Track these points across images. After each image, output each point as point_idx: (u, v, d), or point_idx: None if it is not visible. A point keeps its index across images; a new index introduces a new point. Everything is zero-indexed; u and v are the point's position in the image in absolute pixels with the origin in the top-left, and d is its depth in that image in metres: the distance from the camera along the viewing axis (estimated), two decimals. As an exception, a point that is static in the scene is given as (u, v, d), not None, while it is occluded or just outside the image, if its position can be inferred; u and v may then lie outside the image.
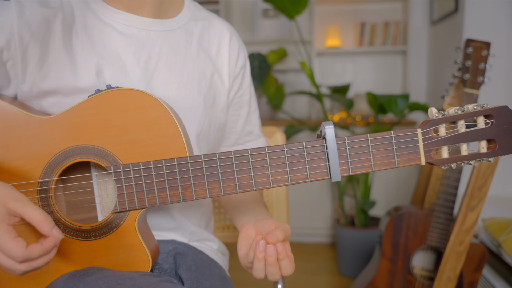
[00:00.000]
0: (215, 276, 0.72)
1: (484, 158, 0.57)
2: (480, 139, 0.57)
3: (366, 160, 0.57)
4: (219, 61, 0.78)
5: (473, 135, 0.57)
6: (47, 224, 0.52)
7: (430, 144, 0.57)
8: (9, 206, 0.51)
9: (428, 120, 0.57)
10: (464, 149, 0.57)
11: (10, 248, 0.50)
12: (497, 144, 0.57)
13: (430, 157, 0.57)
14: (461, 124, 0.57)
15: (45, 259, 0.53)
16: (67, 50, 0.65)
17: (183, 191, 0.59)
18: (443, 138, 0.57)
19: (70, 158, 0.61)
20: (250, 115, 0.85)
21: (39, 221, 0.52)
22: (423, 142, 0.57)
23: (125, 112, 0.60)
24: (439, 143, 0.57)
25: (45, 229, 0.52)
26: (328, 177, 0.58)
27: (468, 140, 0.57)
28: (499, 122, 0.56)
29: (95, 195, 0.65)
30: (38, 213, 0.52)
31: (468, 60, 1.23)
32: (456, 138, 0.57)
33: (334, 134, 0.56)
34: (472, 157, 0.57)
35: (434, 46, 2.66)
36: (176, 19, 0.75)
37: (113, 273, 0.58)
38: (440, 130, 0.57)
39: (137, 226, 0.61)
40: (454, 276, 1.15)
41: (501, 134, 0.57)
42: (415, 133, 0.57)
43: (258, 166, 0.58)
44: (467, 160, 0.57)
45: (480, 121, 0.57)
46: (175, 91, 0.71)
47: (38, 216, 0.52)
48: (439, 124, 0.57)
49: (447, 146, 0.57)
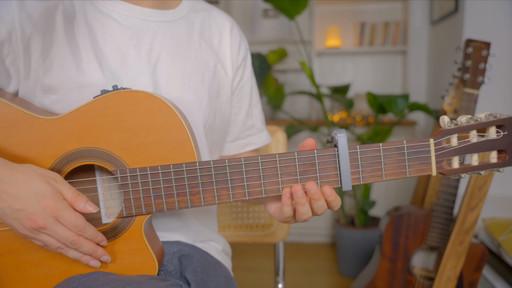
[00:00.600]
0: (220, 277, 0.72)
1: (494, 168, 0.57)
2: (491, 150, 0.56)
3: (377, 169, 0.57)
4: (221, 52, 0.78)
5: (485, 146, 0.56)
6: (81, 200, 0.56)
7: (442, 155, 0.56)
8: (52, 185, 0.55)
9: (441, 130, 0.56)
10: (475, 159, 0.57)
11: (76, 219, 0.55)
12: (507, 155, 0.56)
13: (441, 168, 0.56)
14: (473, 134, 0.56)
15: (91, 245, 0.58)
16: (70, 43, 0.64)
17: (191, 197, 0.57)
18: (455, 148, 0.56)
19: (75, 161, 0.59)
20: (251, 108, 0.84)
21: (72, 198, 0.55)
22: (435, 152, 0.56)
23: (132, 114, 0.59)
24: (451, 154, 0.56)
25: (79, 205, 0.56)
26: (339, 185, 0.57)
27: (480, 151, 0.56)
28: (511, 133, 0.56)
29: (100, 199, 0.64)
30: (71, 191, 0.56)
31: (468, 60, 1.23)
32: (467, 148, 0.56)
33: (346, 143, 0.55)
34: (482, 168, 0.57)
35: (434, 46, 2.67)
36: (177, 9, 0.74)
37: (119, 278, 0.57)
38: (452, 140, 0.56)
39: (144, 231, 0.60)
40: (454, 276, 1.15)
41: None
42: (428, 143, 0.56)
43: (268, 174, 0.57)
44: (478, 170, 0.57)
45: (491, 131, 0.56)
46: (179, 82, 0.70)
47: (71, 194, 0.55)
48: (452, 134, 0.56)
49: (458, 156, 0.56)
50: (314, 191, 0.54)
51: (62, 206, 0.54)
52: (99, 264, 0.59)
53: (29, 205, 0.53)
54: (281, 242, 1.07)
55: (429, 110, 2.03)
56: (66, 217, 0.54)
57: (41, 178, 0.54)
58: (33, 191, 0.53)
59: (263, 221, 1.05)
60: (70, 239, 0.55)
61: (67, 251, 0.57)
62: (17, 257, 0.60)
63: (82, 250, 0.57)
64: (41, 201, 0.53)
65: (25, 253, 0.60)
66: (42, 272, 0.60)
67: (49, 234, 0.55)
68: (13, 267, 0.60)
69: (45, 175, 0.55)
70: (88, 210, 0.56)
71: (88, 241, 0.57)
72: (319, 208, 0.55)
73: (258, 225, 1.05)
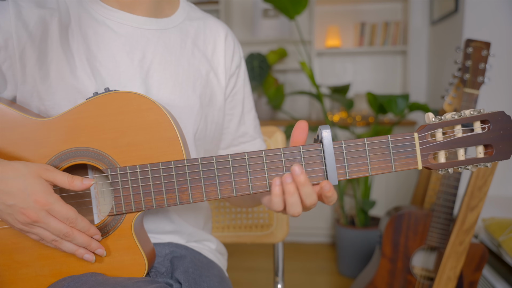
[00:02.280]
0: (213, 277, 0.72)
1: (481, 163, 0.57)
2: (477, 144, 0.57)
3: (363, 164, 0.57)
4: (215, 60, 0.78)
5: (470, 140, 0.57)
6: (76, 180, 0.58)
7: (427, 149, 0.57)
8: (44, 177, 0.56)
9: (425, 125, 0.58)
10: (461, 154, 0.58)
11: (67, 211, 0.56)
12: (494, 150, 0.57)
13: (427, 162, 0.57)
14: (458, 129, 0.57)
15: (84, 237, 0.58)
16: (65, 51, 0.65)
17: (180, 194, 0.59)
18: (440, 142, 0.57)
19: (67, 160, 0.61)
20: (244, 115, 0.84)
21: (69, 180, 0.57)
22: (420, 146, 0.57)
23: (123, 115, 0.60)
24: (436, 148, 0.57)
25: (76, 183, 0.58)
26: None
27: (465, 145, 0.57)
28: (495, 127, 0.57)
29: (92, 197, 0.65)
30: (65, 176, 0.57)
31: (468, 60, 1.23)
32: (453, 143, 0.57)
33: (331, 138, 0.56)
34: (469, 162, 0.57)
35: (434, 46, 2.66)
36: (171, 18, 0.75)
37: (107, 280, 0.58)
38: (437, 134, 0.57)
39: (134, 229, 0.61)
40: (454, 276, 1.15)
41: (498, 139, 0.57)
42: (412, 137, 0.57)
43: (255, 170, 0.58)
44: (464, 165, 0.57)
45: (477, 126, 0.57)
46: (170, 90, 0.71)
47: (66, 178, 0.57)
48: (436, 129, 0.57)
49: (444, 150, 0.57)
50: (298, 173, 0.53)
51: (52, 199, 0.55)
52: (94, 258, 0.60)
53: (21, 200, 0.55)
54: (280, 242, 1.06)
55: (429, 110, 2.03)
56: (57, 209, 0.56)
57: (32, 174, 0.56)
58: (24, 186, 0.55)
59: (262, 221, 1.05)
60: (63, 231, 0.56)
61: (61, 243, 0.58)
62: (8, 257, 0.61)
63: (76, 242, 0.58)
64: (31, 196, 0.55)
65: (17, 253, 0.61)
66: (33, 272, 0.61)
67: (43, 227, 0.56)
68: (5, 267, 0.61)
69: (35, 169, 0.56)
70: (87, 185, 0.58)
71: (81, 233, 0.58)
72: (307, 196, 0.55)
73: (257, 225, 1.05)
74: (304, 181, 0.54)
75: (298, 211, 0.56)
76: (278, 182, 0.55)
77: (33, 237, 0.58)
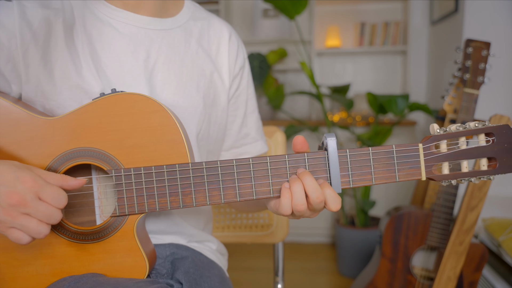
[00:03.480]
0: (214, 277, 0.72)
1: (485, 175, 0.58)
2: (481, 157, 0.58)
3: (367, 173, 0.58)
4: (219, 60, 0.78)
5: (474, 153, 0.57)
6: (69, 179, 0.57)
7: (431, 160, 0.58)
8: (36, 172, 0.55)
9: (430, 136, 0.58)
10: (465, 166, 0.58)
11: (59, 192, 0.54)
12: (497, 163, 0.57)
13: (431, 173, 0.58)
14: (462, 141, 0.57)
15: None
16: (70, 51, 0.65)
17: (183, 197, 0.59)
18: (444, 154, 0.57)
19: (71, 160, 0.60)
20: (246, 117, 0.84)
21: (62, 178, 0.56)
22: (424, 157, 0.57)
23: (128, 116, 0.60)
24: (440, 159, 0.58)
25: (70, 181, 0.56)
26: None
27: (469, 157, 0.58)
28: (500, 140, 0.57)
29: (95, 198, 0.65)
30: (58, 175, 0.56)
31: (468, 60, 1.23)
32: (457, 155, 0.57)
33: (336, 147, 0.57)
34: (473, 175, 0.58)
35: (434, 46, 2.66)
36: (176, 18, 0.75)
37: (107, 281, 0.58)
38: (441, 146, 0.58)
39: (136, 231, 0.61)
40: (454, 276, 1.15)
41: (502, 152, 0.57)
42: (417, 148, 0.57)
43: (259, 175, 0.58)
44: (468, 177, 0.58)
45: (481, 139, 0.58)
46: (174, 90, 0.71)
47: (59, 176, 0.56)
48: (440, 140, 0.57)
49: (447, 162, 0.58)
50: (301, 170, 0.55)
51: (42, 181, 0.53)
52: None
53: (9, 182, 0.51)
54: (280, 242, 1.06)
55: (429, 110, 2.03)
56: (48, 191, 0.53)
57: (24, 167, 0.54)
58: (15, 176, 0.52)
59: (262, 221, 1.05)
60: (53, 215, 0.53)
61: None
62: (10, 255, 0.61)
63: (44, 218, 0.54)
64: (20, 178, 0.52)
65: (18, 251, 0.60)
66: (34, 271, 0.61)
67: (30, 214, 0.52)
68: (5, 265, 0.61)
69: (28, 166, 0.55)
70: (79, 183, 0.57)
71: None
72: (313, 190, 0.54)
73: (258, 225, 1.05)
74: (306, 172, 0.55)
75: (303, 207, 0.55)
76: (287, 186, 0.56)
77: (13, 235, 0.53)
